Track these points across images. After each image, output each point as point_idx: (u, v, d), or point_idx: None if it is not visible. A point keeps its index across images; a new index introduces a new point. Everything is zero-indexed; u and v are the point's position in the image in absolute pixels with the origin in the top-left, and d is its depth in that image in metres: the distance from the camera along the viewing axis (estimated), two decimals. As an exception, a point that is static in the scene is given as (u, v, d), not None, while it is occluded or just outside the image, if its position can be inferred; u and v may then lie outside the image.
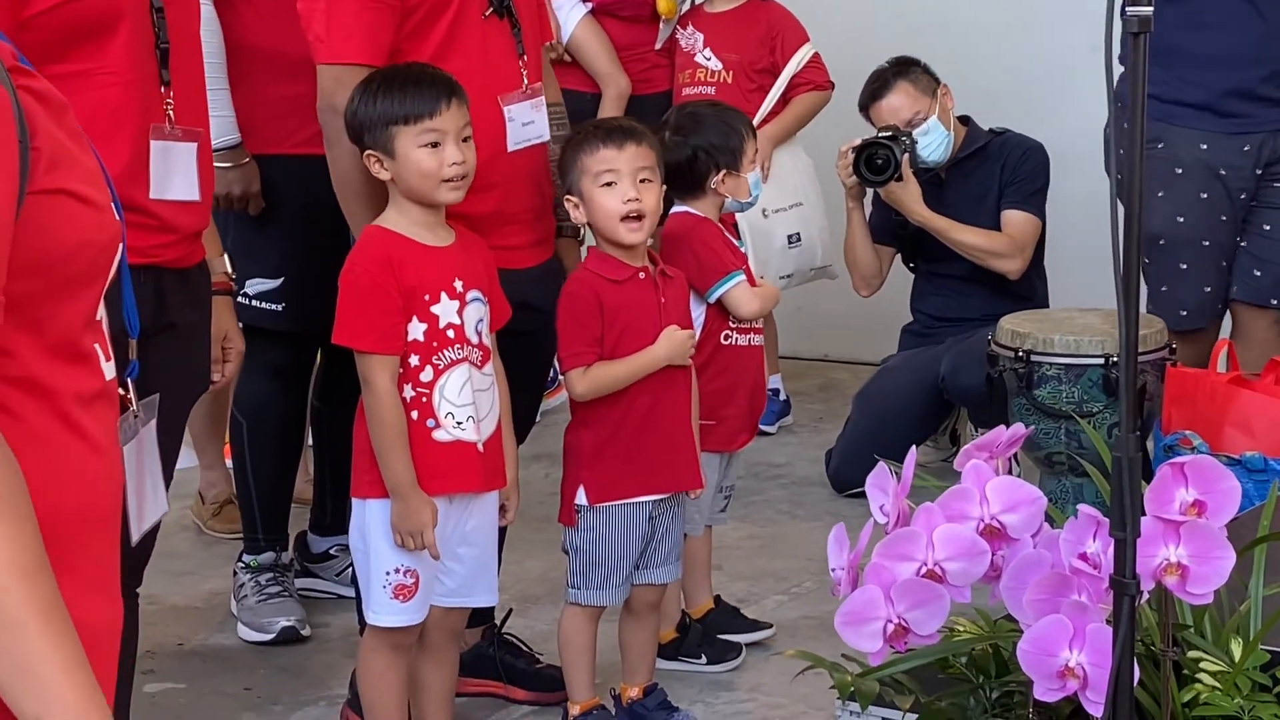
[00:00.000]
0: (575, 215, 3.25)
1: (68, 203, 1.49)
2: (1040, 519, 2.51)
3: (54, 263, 1.48)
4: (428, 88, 3.01)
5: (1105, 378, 3.87)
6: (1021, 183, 4.69)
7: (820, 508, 4.70)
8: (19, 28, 2.55)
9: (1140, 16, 2.04)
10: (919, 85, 4.69)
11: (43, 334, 1.49)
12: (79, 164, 1.52)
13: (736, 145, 3.54)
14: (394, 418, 2.98)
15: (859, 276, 4.87)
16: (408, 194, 3.04)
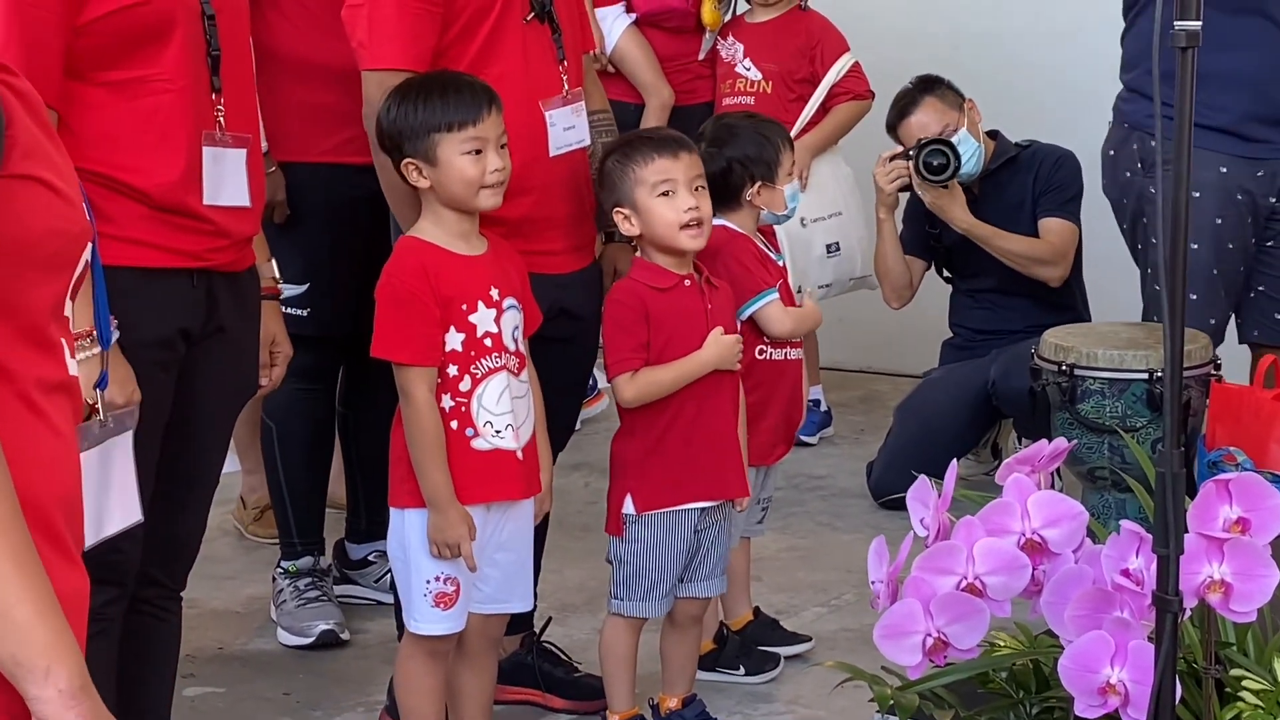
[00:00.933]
0: (626, 228, 3.24)
1: (39, 190, 1.54)
2: (1082, 534, 2.49)
3: (23, 246, 1.53)
4: (468, 94, 3.01)
5: (1149, 393, 3.85)
6: (1056, 190, 4.68)
7: (860, 519, 4.69)
8: (74, 33, 2.57)
9: (1188, 31, 2.02)
10: (945, 100, 4.68)
11: (8, 317, 1.54)
12: (52, 159, 1.57)
13: (771, 157, 3.53)
14: (432, 429, 2.99)
15: (890, 287, 4.86)
16: (447, 202, 3.04)
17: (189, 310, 2.73)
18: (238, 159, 2.79)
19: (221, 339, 2.80)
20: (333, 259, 3.81)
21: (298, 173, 3.79)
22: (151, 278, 2.67)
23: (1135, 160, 4.07)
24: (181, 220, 2.70)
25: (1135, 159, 4.07)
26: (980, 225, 4.62)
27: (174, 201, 2.68)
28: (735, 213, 3.52)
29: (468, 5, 3.19)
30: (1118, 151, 4.14)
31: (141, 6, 2.62)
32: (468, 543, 2.99)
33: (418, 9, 3.16)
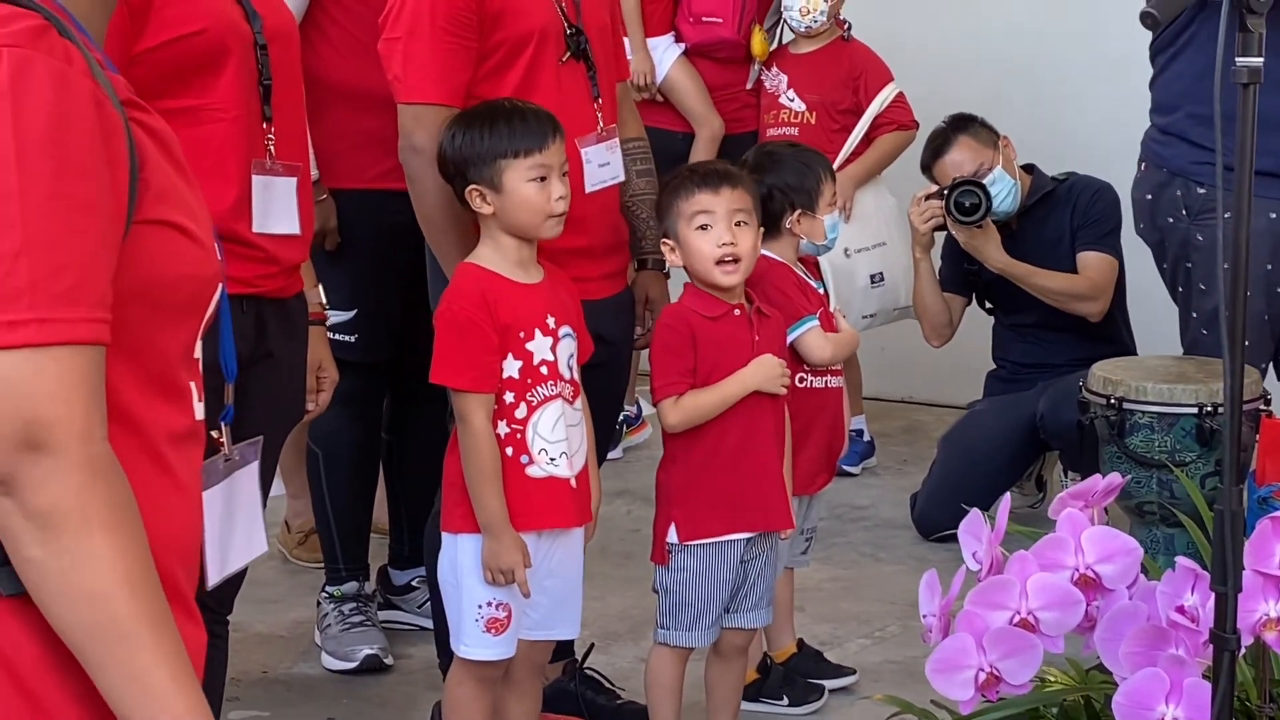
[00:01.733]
0: (671, 258, 3.26)
1: (172, 235, 1.52)
2: (1136, 570, 2.48)
3: (155, 292, 1.51)
4: (534, 122, 3.03)
5: (1199, 427, 3.83)
6: (1094, 224, 4.66)
7: (904, 550, 4.67)
8: (129, 62, 2.59)
9: (1250, 67, 2.01)
10: (979, 138, 4.67)
11: (139, 365, 1.52)
12: (185, 200, 1.55)
13: (812, 186, 3.53)
14: (489, 455, 3.00)
15: (929, 326, 4.85)
16: (510, 229, 3.05)
17: (238, 336, 2.73)
18: (288, 187, 2.80)
19: (270, 365, 2.81)
20: (380, 285, 3.82)
21: (347, 199, 3.80)
22: None
23: (1179, 207, 4.03)
24: (232, 246, 2.72)
25: (1179, 205, 4.03)
26: (1016, 264, 4.61)
27: (225, 229, 2.69)
28: (775, 241, 3.52)
29: (503, 42, 3.22)
30: (1156, 196, 4.11)
31: (197, 36, 2.64)
32: (522, 569, 2.99)
33: (452, 44, 3.18)
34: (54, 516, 1.39)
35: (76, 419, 1.40)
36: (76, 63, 1.45)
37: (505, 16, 3.22)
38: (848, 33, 5.24)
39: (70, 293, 1.40)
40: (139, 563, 1.43)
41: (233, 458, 2.16)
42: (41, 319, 1.39)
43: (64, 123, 1.41)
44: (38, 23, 1.44)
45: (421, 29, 3.18)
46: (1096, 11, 5.47)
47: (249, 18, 2.71)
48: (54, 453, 1.39)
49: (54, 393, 1.39)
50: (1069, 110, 5.78)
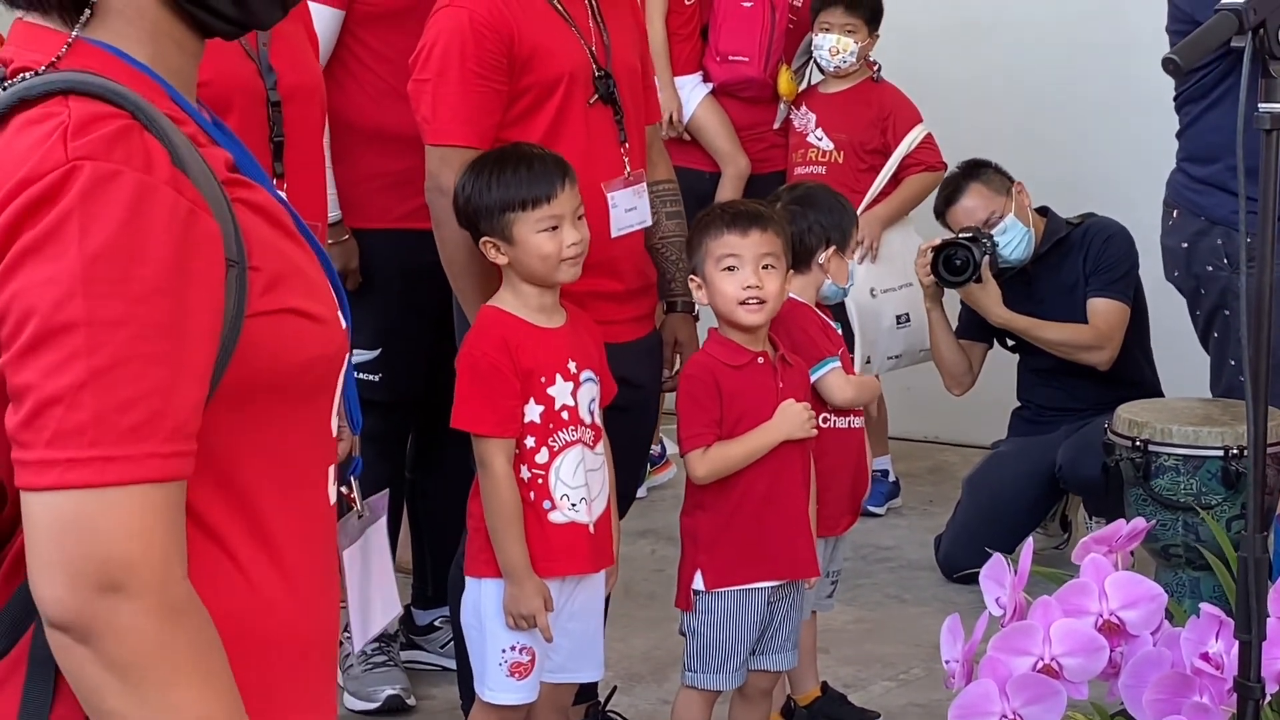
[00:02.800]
0: (698, 296, 3.26)
1: (292, 320, 1.44)
2: (1160, 616, 2.47)
3: (282, 383, 1.44)
4: (541, 171, 3.02)
5: (1225, 469, 3.81)
6: (1105, 270, 4.63)
7: (929, 592, 4.65)
8: None
9: (1273, 114, 2.01)
10: (992, 185, 4.66)
11: (270, 460, 1.45)
12: (302, 276, 1.47)
13: (848, 227, 3.54)
14: (510, 501, 3.00)
15: (948, 376, 4.83)
16: (526, 277, 3.06)
17: None
18: None
19: None
20: (405, 324, 3.83)
21: (370, 239, 3.81)
22: None
23: (1220, 255, 4.01)
24: None
25: (1220, 254, 4.01)
26: (1017, 318, 4.59)
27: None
28: (801, 277, 3.51)
29: (532, 86, 3.22)
30: (1193, 244, 4.09)
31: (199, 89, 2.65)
32: (543, 614, 2.99)
33: (481, 86, 3.19)
34: (136, 667, 1.32)
35: (155, 559, 1.32)
36: (159, 168, 1.35)
37: (535, 60, 3.23)
38: (877, 74, 5.25)
39: (141, 428, 1.32)
40: (223, 708, 1.36)
41: (365, 513, 2.03)
42: (106, 457, 1.31)
43: (138, 240, 1.32)
44: (120, 125, 1.35)
45: (451, 71, 3.19)
46: (1125, 51, 5.47)
47: (262, 73, 2.71)
48: (133, 596, 1.31)
49: (130, 531, 1.31)
50: (1097, 149, 5.77)
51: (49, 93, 1.37)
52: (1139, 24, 4.85)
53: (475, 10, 3.20)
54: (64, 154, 1.33)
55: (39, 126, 1.35)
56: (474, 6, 3.20)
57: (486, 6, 3.20)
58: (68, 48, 1.41)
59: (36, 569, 1.32)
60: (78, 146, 1.33)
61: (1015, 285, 4.64)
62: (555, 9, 3.28)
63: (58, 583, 1.31)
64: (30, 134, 1.35)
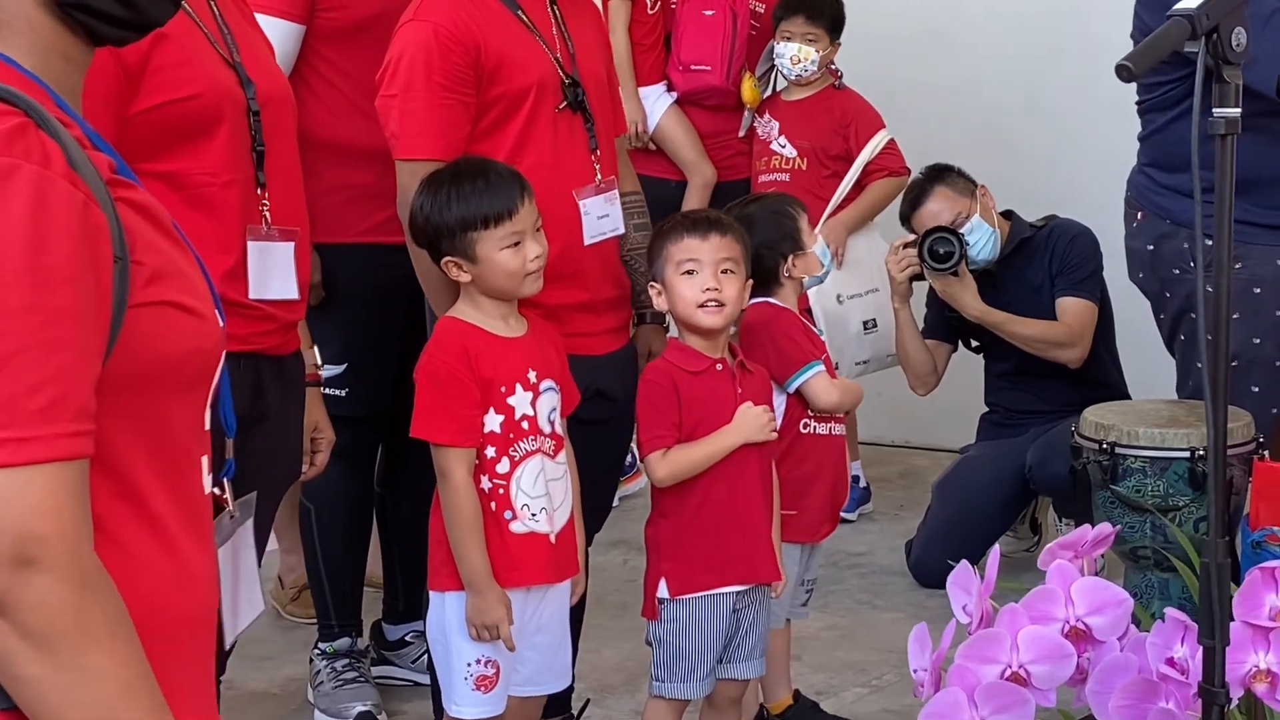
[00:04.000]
0: (658, 302, 3.27)
1: (172, 313, 1.51)
2: (1127, 621, 2.48)
3: (161, 373, 1.50)
4: (500, 186, 3.01)
5: (1191, 471, 3.82)
6: (1072, 270, 4.66)
7: (901, 598, 4.65)
8: (121, 124, 2.60)
9: (1227, 118, 2.02)
10: (956, 188, 4.68)
11: (152, 448, 1.51)
12: (182, 274, 1.54)
13: (791, 229, 3.54)
14: (470, 511, 2.99)
15: (913, 375, 4.84)
16: (490, 293, 3.05)
17: (235, 395, 2.73)
18: (285, 252, 2.81)
19: (266, 427, 2.81)
20: (370, 339, 3.82)
21: (335, 254, 3.80)
22: None
23: (1186, 259, 4.03)
24: (227, 306, 2.72)
25: (1186, 257, 4.03)
26: (992, 312, 4.61)
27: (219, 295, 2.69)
28: (779, 290, 3.52)
29: (501, 97, 3.22)
30: (1159, 247, 4.10)
31: (190, 101, 2.65)
32: (506, 624, 2.98)
33: (450, 100, 3.18)
34: (51, 635, 1.39)
35: (67, 534, 1.39)
36: (55, 163, 1.42)
37: (502, 71, 3.22)
38: (840, 81, 5.26)
39: (50, 409, 1.39)
40: (138, 671, 1.43)
41: (235, 514, 2.14)
42: (19, 438, 1.38)
43: (42, 231, 1.40)
44: (17, 122, 1.42)
45: (418, 85, 3.18)
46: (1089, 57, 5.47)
47: (243, 84, 2.72)
48: (47, 569, 1.38)
49: (42, 508, 1.38)
50: (1060, 154, 5.79)
51: None
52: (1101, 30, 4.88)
53: (440, 24, 3.19)
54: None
55: None
56: (439, 20, 3.20)
57: (451, 19, 3.20)
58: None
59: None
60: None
61: (981, 287, 4.65)
62: (520, 19, 3.28)
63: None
64: None
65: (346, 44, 3.70)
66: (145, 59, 2.60)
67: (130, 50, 2.56)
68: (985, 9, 5.98)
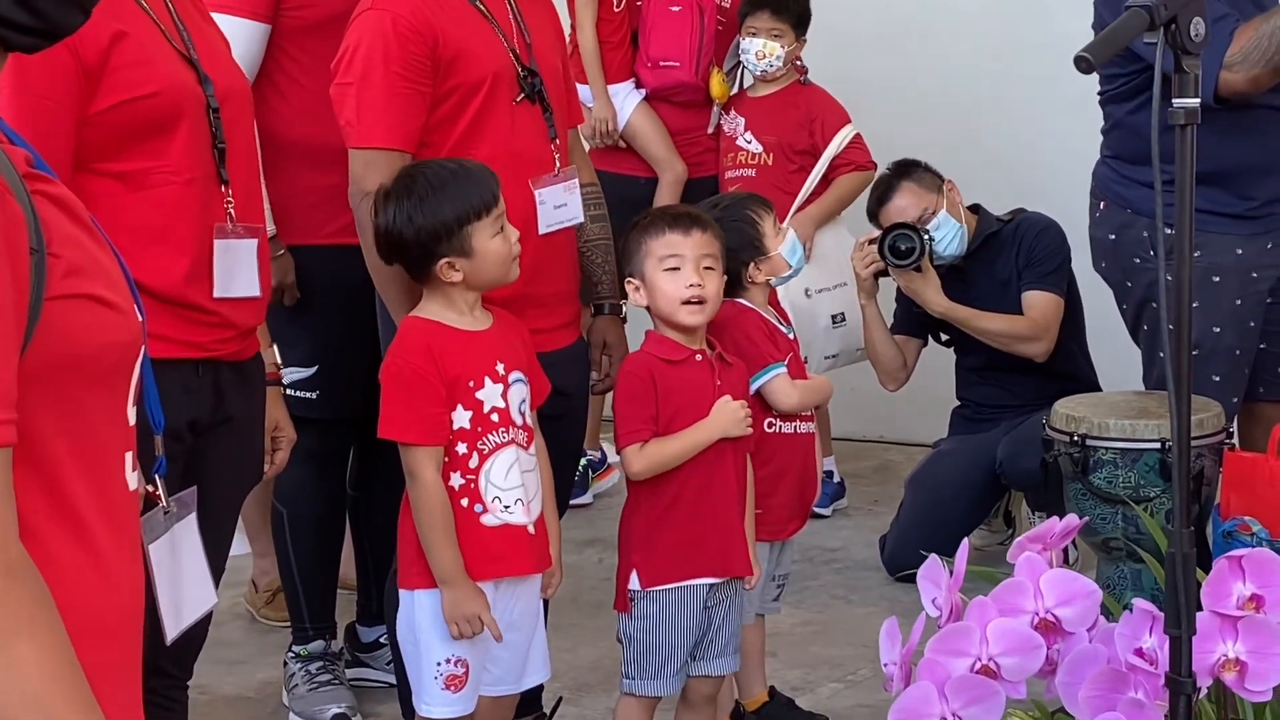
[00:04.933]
0: (635, 298, 3.25)
1: (89, 306, 1.50)
2: (1096, 612, 2.48)
3: (79, 365, 1.49)
4: (478, 177, 3.01)
5: (1162, 462, 3.82)
6: (1038, 263, 4.66)
7: (876, 593, 4.66)
8: (82, 124, 2.59)
9: (1187, 109, 2.02)
10: (923, 183, 4.69)
11: (71, 440, 1.50)
12: (99, 267, 1.53)
13: (751, 234, 3.49)
14: (440, 509, 2.98)
15: (883, 371, 4.85)
16: (480, 286, 3.05)
17: (196, 401, 2.73)
18: (249, 250, 2.80)
19: (228, 428, 2.80)
20: (341, 341, 3.80)
21: (305, 255, 3.79)
22: (157, 369, 2.67)
23: (1146, 247, 4.05)
24: (188, 312, 2.71)
25: (1147, 245, 4.05)
26: (956, 308, 4.62)
27: (179, 296, 2.69)
28: (744, 293, 3.51)
29: (457, 87, 3.21)
30: (1120, 236, 4.12)
31: (149, 99, 2.64)
32: (488, 611, 2.98)
33: (406, 89, 3.17)
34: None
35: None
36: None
37: (459, 62, 3.22)
38: (805, 77, 5.26)
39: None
40: (65, 660, 1.42)
41: (171, 510, 2.14)
42: None
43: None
44: None
45: (375, 74, 3.17)
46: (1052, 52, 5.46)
47: (201, 81, 2.71)
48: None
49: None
50: (1026, 148, 5.80)
51: None
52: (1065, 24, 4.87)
53: (398, 13, 3.18)
54: None
55: None
56: (396, 9, 3.19)
57: (409, 8, 3.19)
58: None
59: None
60: None
61: (950, 282, 4.65)
62: (477, 9, 3.27)
63: None
64: None
65: (313, 42, 3.69)
66: (104, 59, 2.59)
67: (89, 50, 2.55)
68: (950, 5, 5.99)
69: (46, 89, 2.54)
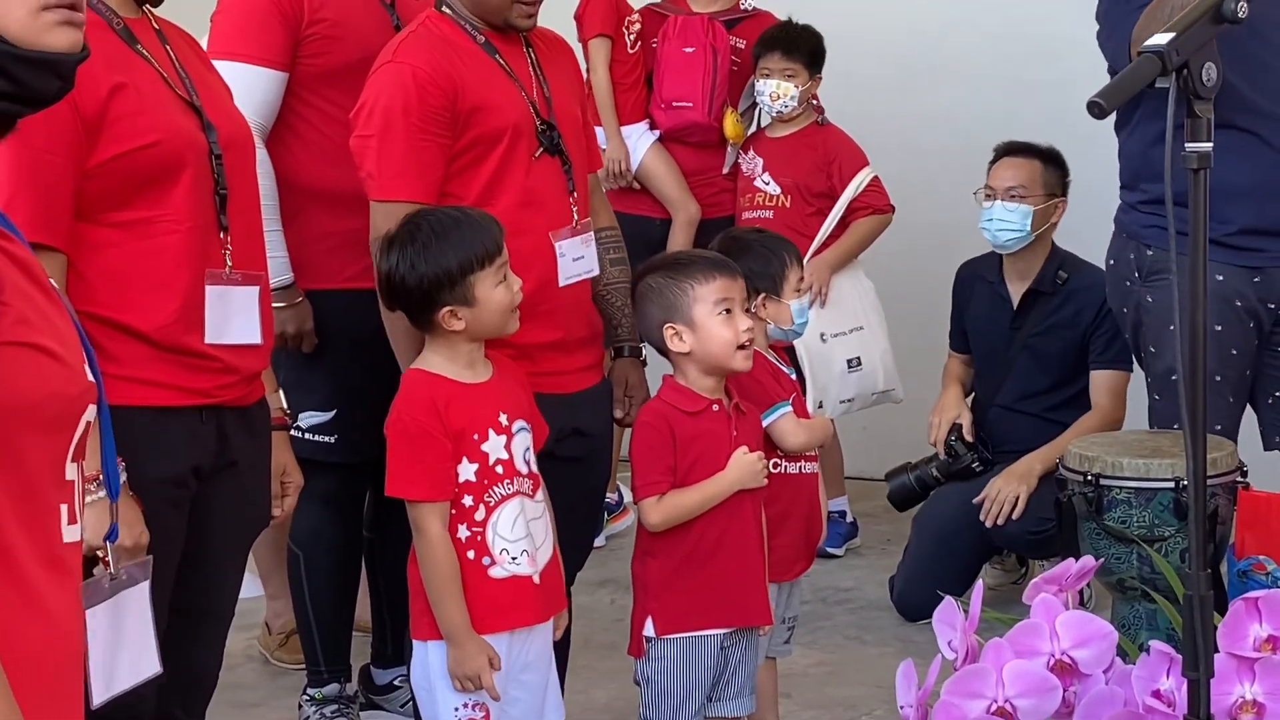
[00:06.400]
0: (676, 344, 3.20)
1: (33, 355, 1.51)
2: (1112, 654, 2.48)
3: (18, 412, 1.50)
4: (482, 226, 3.02)
5: (1176, 501, 3.82)
6: (1109, 334, 4.61)
7: (889, 633, 4.65)
8: (84, 176, 2.60)
9: (1200, 153, 2.03)
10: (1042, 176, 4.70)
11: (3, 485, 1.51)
12: (48, 322, 1.55)
13: (777, 271, 3.51)
14: (447, 563, 2.98)
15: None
16: (480, 335, 3.04)
17: (200, 447, 2.74)
18: (249, 296, 2.80)
19: (234, 473, 2.81)
20: (358, 385, 3.81)
21: (323, 300, 3.80)
22: (161, 416, 2.68)
23: (1133, 269, 4.07)
24: (189, 359, 2.73)
25: (1133, 268, 4.07)
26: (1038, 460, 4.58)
27: (172, 341, 2.70)
28: None
29: (478, 139, 3.23)
30: (1117, 260, 4.16)
31: (150, 149, 2.65)
32: (489, 673, 2.97)
33: (425, 141, 3.19)
34: None
35: None
36: None
37: (479, 114, 3.24)
38: (823, 117, 5.27)
39: None
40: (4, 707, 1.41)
41: (119, 576, 2.14)
42: None
43: None
44: None
45: (395, 127, 3.19)
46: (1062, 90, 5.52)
47: (205, 128, 2.73)
48: None
49: None
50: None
51: None
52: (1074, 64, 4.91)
53: (417, 66, 3.21)
54: None
55: None
56: (416, 62, 3.21)
57: (428, 62, 3.22)
58: None
59: None
60: None
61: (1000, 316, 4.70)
62: (496, 62, 3.30)
63: None
64: None
65: (329, 89, 3.71)
66: (103, 110, 2.60)
67: (88, 103, 2.57)
68: (962, 45, 6.01)
69: (45, 142, 2.56)
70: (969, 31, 5.98)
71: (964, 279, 4.91)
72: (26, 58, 1.53)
